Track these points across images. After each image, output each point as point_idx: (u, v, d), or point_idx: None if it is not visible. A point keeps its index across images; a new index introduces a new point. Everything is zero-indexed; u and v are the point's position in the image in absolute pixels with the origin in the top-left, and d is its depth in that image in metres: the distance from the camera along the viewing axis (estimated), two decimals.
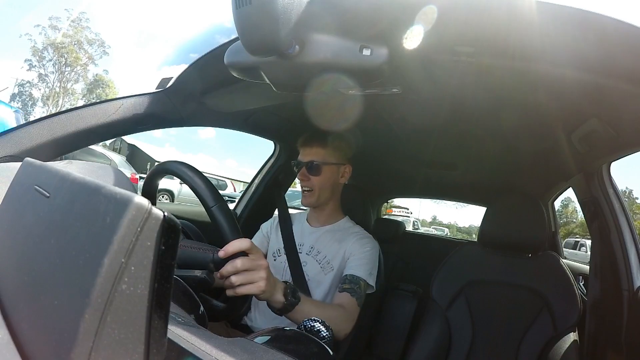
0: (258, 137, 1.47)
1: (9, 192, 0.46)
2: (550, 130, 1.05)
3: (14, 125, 0.97)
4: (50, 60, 20.76)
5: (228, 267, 0.65)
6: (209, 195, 0.68)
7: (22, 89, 21.32)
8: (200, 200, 0.69)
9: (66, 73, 21.06)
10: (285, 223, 1.18)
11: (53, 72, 20.89)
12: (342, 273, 1.04)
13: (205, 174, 0.72)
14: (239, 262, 0.65)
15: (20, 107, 20.11)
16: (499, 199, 1.28)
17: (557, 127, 1.02)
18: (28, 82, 21.02)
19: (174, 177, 0.76)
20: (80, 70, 21.39)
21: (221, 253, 0.65)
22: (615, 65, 0.61)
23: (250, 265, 0.66)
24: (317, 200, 1.10)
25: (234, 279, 0.66)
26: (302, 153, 1.12)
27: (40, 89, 21.27)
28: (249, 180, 1.78)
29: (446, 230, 22.08)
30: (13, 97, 20.73)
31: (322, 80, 0.62)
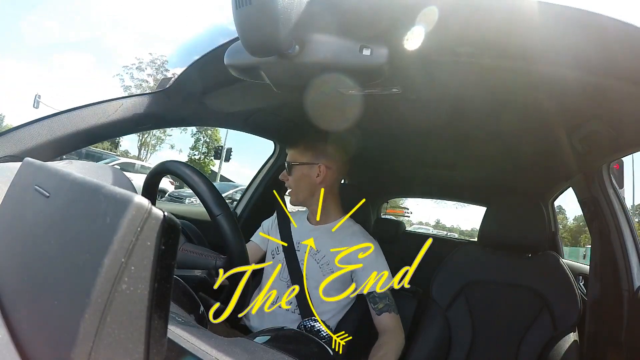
0: (258, 137, 1.47)
1: (9, 192, 0.46)
2: (550, 130, 1.05)
3: None
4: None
5: None
6: (214, 203, 0.67)
7: None
8: (205, 206, 0.68)
9: None
10: (284, 222, 1.18)
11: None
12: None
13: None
14: None
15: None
16: (499, 199, 1.28)
17: (558, 127, 1.01)
18: None
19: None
20: None
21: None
22: (616, 66, 0.61)
23: None
24: (295, 198, 1.14)
25: None
26: None
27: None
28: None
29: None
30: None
31: (322, 80, 0.62)
